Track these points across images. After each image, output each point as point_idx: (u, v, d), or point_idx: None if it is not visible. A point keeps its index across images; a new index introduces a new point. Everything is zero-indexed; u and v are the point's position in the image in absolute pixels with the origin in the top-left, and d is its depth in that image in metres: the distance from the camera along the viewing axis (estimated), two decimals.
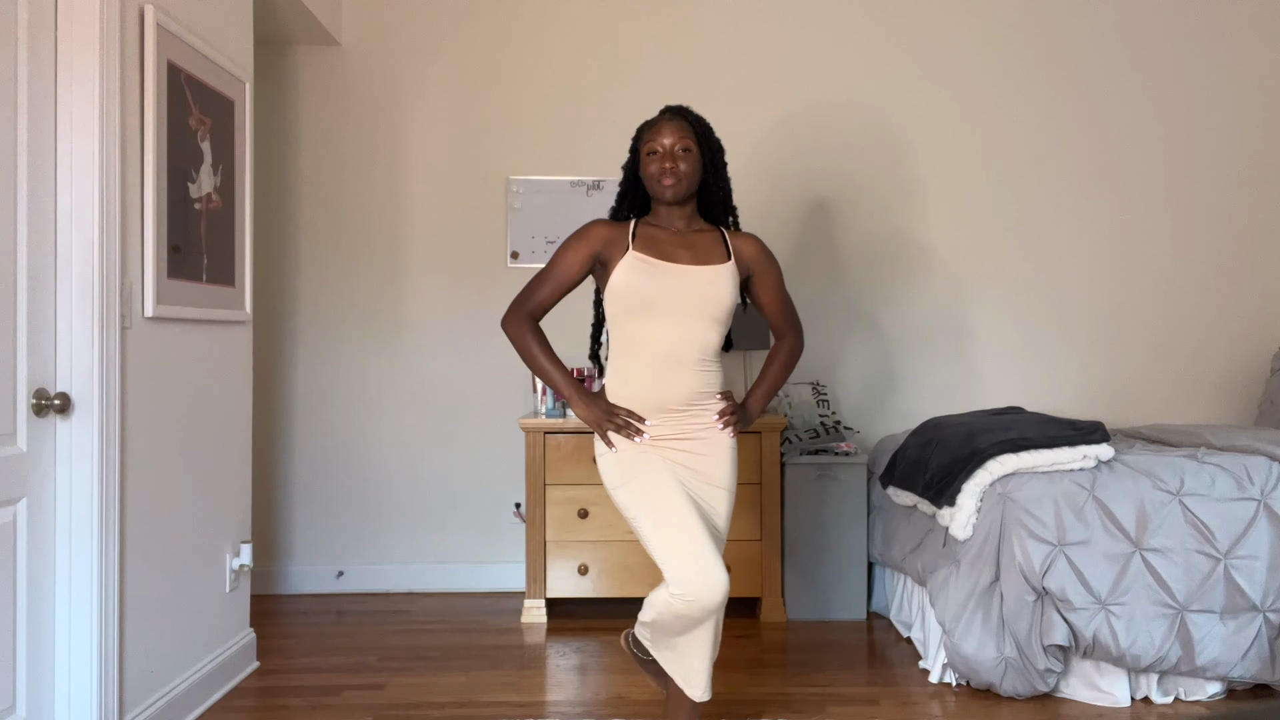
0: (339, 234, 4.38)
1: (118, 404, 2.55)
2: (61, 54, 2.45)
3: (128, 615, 2.62)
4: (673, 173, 2.47)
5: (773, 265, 2.63)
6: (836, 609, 3.93)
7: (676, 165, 2.47)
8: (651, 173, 2.50)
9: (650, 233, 2.53)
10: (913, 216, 4.40)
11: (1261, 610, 2.93)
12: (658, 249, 2.49)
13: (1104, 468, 3.10)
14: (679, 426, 2.51)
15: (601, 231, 2.52)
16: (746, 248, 2.59)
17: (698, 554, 2.36)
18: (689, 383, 2.49)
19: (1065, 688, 3.07)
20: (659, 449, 2.49)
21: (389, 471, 4.38)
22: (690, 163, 2.49)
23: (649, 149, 2.50)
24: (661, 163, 2.48)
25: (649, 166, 2.50)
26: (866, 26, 4.40)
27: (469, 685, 3.19)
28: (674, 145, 2.48)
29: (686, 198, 2.53)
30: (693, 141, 2.50)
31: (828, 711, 2.98)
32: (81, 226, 2.47)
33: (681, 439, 2.50)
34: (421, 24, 4.38)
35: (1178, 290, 4.42)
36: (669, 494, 2.44)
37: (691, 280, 2.46)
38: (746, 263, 2.59)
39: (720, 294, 2.47)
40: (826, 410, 4.11)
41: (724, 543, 2.54)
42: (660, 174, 2.48)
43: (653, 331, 2.46)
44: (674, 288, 2.44)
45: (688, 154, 2.49)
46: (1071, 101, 4.40)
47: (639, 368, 2.48)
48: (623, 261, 2.47)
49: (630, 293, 2.45)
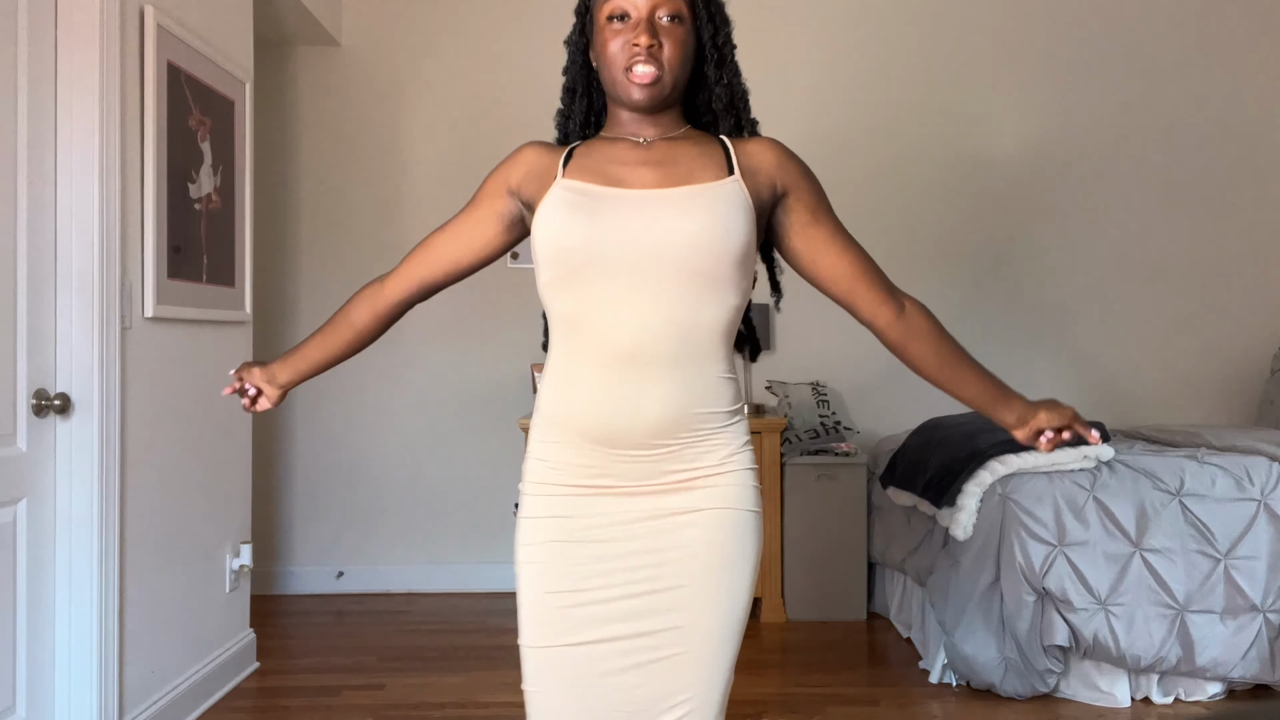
0: (339, 234, 4.38)
1: (118, 404, 2.55)
2: (61, 54, 2.45)
3: (128, 615, 2.62)
4: (650, 56, 1.46)
5: (813, 180, 1.55)
6: (836, 609, 3.92)
7: (657, 45, 1.46)
8: (612, 54, 1.48)
9: (597, 151, 1.53)
10: (912, 215, 4.40)
11: (1261, 610, 2.93)
12: (602, 172, 1.48)
13: (1104, 468, 3.10)
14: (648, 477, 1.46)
15: (531, 154, 1.56)
16: (761, 153, 1.52)
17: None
18: (669, 398, 1.43)
19: (1065, 688, 3.06)
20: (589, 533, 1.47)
21: (389, 471, 4.38)
22: (679, 43, 1.48)
23: (610, 10, 1.49)
24: (631, 37, 1.47)
25: (609, 43, 1.48)
26: (867, 26, 4.40)
27: (469, 685, 3.19)
28: (655, 8, 1.47)
29: (669, 103, 1.53)
30: (684, 5, 1.49)
31: (828, 711, 2.98)
32: (81, 227, 2.47)
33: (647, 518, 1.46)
34: (421, 24, 4.38)
35: (1178, 290, 4.42)
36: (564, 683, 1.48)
37: (662, 209, 1.43)
38: (767, 176, 1.50)
39: (718, 227, 1.42)
40: (826, 410, 4.11)
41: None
42: (629, 57, 1.46)
43: (596, 311, 1.43)
44: (626, 227, 1.42)
45: (676, 25, 1.48)
46: (1071, 101, 4.40)
47: (581, 374, 1.46)
48: (546, 197, 1.48)
49: (557, 244, 1.44)
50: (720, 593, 1.45)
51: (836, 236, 1.53)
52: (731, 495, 1.47)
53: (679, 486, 1.46)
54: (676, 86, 1.51)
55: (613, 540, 1.46)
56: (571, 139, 1.61)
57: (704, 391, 1.45)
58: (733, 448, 1.48)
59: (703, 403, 1.45)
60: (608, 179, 1.47)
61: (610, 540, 1.46)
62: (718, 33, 1.54)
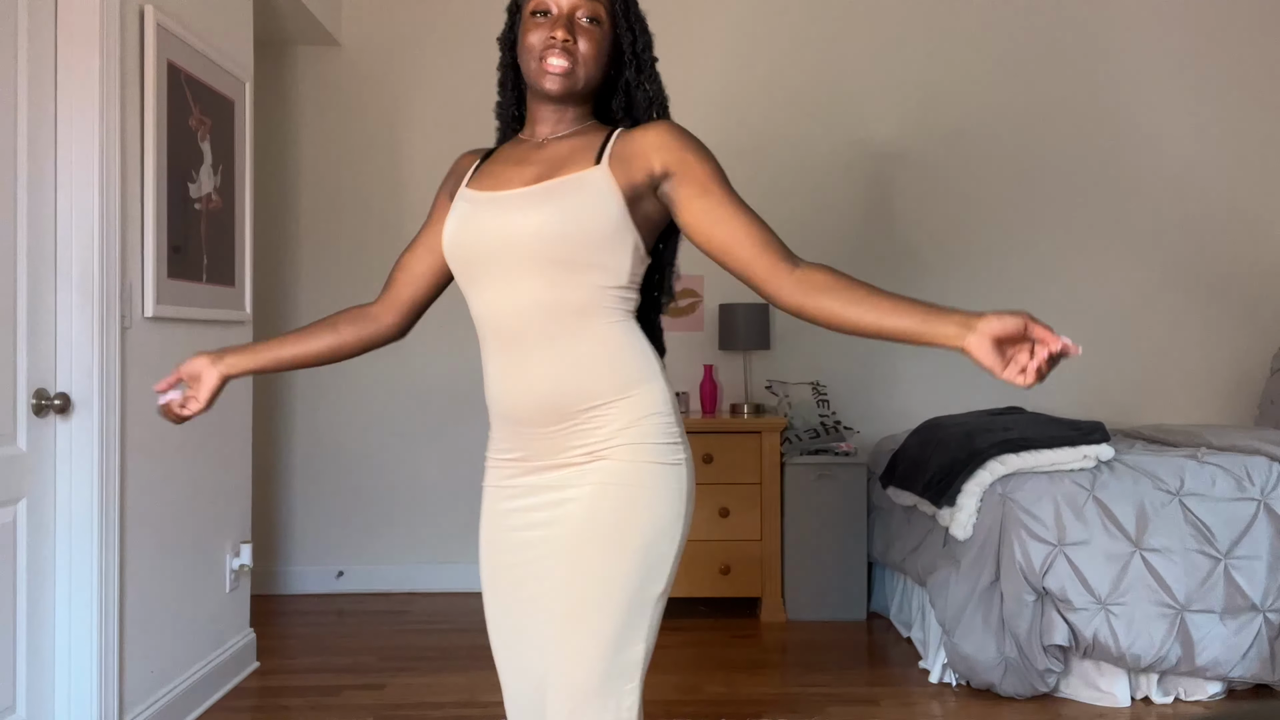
0: (339, 234, 4.38)
1: (118, 404, 2.55)
2: (61, 54, 2.45)
3: (128, 615, 2.62)
4: (565, 50, 1.53)
5: (703, 157, 1.55)
6: (836, 609, 3.92)
7: (572, 40, 1.54)
8: (529, 44, 1.56)
9: (504, 154, 1.64)
10: (911, 214, 4.40)
11: (1261, 610, 2.93)
12: (494, 175, 1.60)
13: (1104, 468, 3.10)
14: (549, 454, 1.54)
15: (462, 164, 1.71)
16: (642, 138, 1.55)
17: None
18: (549, 377, 1.52)
19: (1065, 688, 3.06)
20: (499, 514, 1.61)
21: (389, 471, 4.38)
22: (595, 42, 1.56)
23: (534, 6, 1.57)
24: (550, 30, 1.54)
25: (529, 34, 1.56)
26: (870, 27, 4.40)
27: (469, 685, 3.19)
28: (575, 8, 1.55)
29: (581, 95, 1.59)
30: (604, 8, 1.57)
31: (828, 711, 2.98)
32: (81, 226, 2.47)
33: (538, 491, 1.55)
34: (421, 24, 4.38)
35: (1178, 290, 4.42)
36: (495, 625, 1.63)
37: (521, 207, 1.52)
38: (643, 159, 1.53)
39: (565, 218, 1.49)
40: (826, 410, 4.11)
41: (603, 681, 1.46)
42: (544, 48, 1.54)
43: (483, 304, 1.56)
44: (490, 226, 1.53)
45: (593, 27, 1.56)
46: (1071, 101, 4.40)
47: (488, 361, 1.59)
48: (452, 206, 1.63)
49: (447, 251, 1.59)
50: (582, 572, 1.48)
51: (727, 206, 1.52)
52: (613, 471, 1.50)
53: (575, 461, 1.52)
54: (588, 83, 1.57)
55: (519, 510, 1.57)
56: (508, 132, 1.70)
57: (584, 369, 1.52)
58: (622, 423, 1.51)
59: (583, 379, 1.52)
60: (496, 182, 1.58)
61: (518, 510, 1.57)
62: (637, 40, 1.61)
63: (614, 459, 1.50)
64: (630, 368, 1.54)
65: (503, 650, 1.60)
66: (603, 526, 1.49)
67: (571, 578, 1.48)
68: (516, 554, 1.56)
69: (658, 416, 1.53)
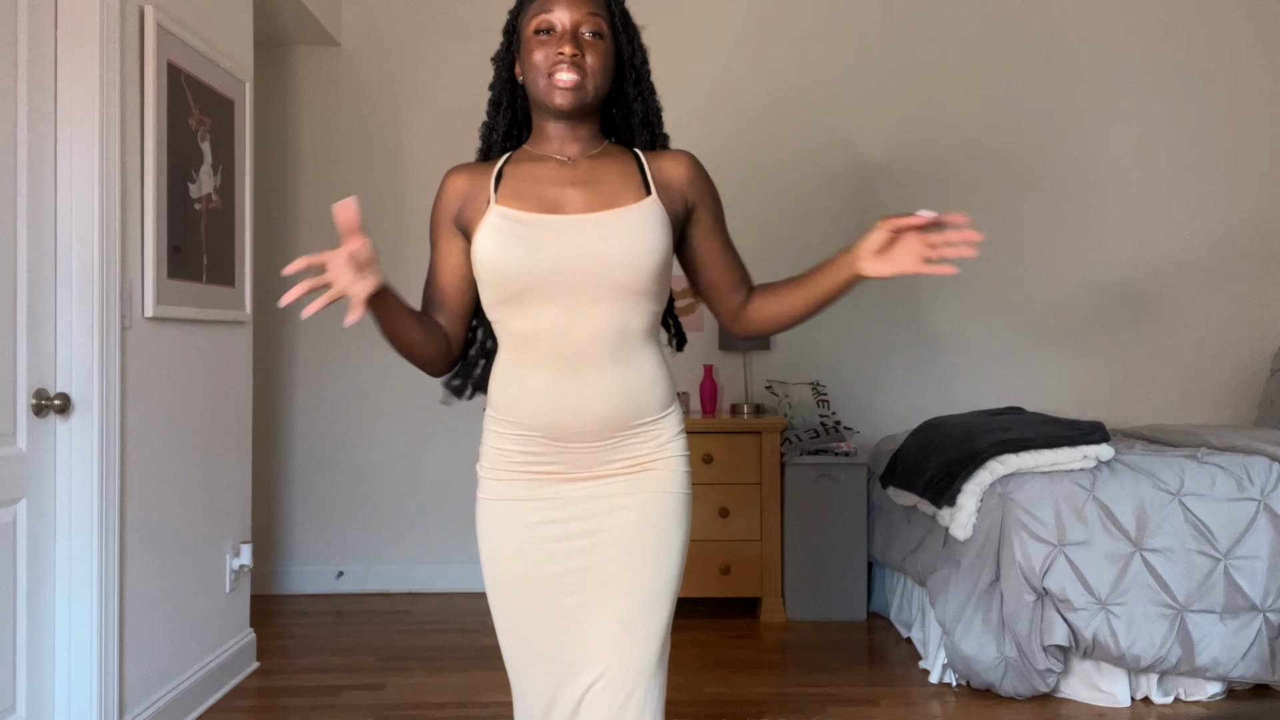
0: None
1: (118, 404, 2.55)
2: (61, 54, 2.46)
3: (128, 615, 2.62)
4: (574, 65, 1.58)
5: (716, 196, 1.73)
6: (836, 609, 3.92)
7: (580, 54, 1.58)
8: (537, 63, 1.60)
9: (525, 172, 1.64)
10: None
11: (1261, 610, 2.93)
12: (534, 195, 1.61)
13: (1104, 468, 3.10)
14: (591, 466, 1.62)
15: (459, 184, 1.67)
16: (674, 169, 1.67)
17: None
18: (608, 396, 1.59)
19: (1065, 688, 3.06)
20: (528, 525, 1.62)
21: (389, 471, 4.38)
22: (601, 55, 1.61)
23: (537, 25, 1.61)
24: (556, 46, 1.58)
25: (534, 53, 1.60)
26: (872, 27, 4.40)
27: (469, 685, 3.19)
28: (578, 24, 1.60)
29: (590, 108, 1.65)
30: (605, 23, 1.63)
31: (828, 711, 2.98)
32: (81, 226, 2.47)
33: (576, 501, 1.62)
34: (421, 24, 4.38)
35: (1178, 290, 4.42)
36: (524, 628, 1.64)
37: (591, 234, 1.57)
38: (680, 192, 1.66)
39: (640, 248, 1.57)
40: (826, 410, 4.11)
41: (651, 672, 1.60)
42: (553, 65, 1.58)
43: (540, 320, 1.57)
44: (562, 252, 1.56)
45: (597, 40, 1.61)
46: (1072, 101, 4.40)
47: (532, 380, 1.60)
48: (483, 223, 1.60)
49: (496, 270, 1.57)
50: (644, 571, 1.61)
51: (725, 252, 1.73)
52: (663, 481, 1.63)
53: (618, 473, 1.62)
54: (597, 95, 1.63)
55: (557, 521, 1.62)
56: (493, 151, 1.72)
57: (640, 388, 1.62)
58: (666, 437, 1.65)
59: (639, 398, 1.62)
60: (541, 203, 1.60)
61: (556, 521, 1.62)
62: (635, 53, 1.68)
63: (661, 470, 1.64)
64: (668, 385, 1.67)
65: (530, 652, 1.63)
66: (661, 531, 1.62)
67: (637, 577, 1.60)
68: (561, 563, 1.61)
69: (684, 429, 1.69)
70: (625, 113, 1.71)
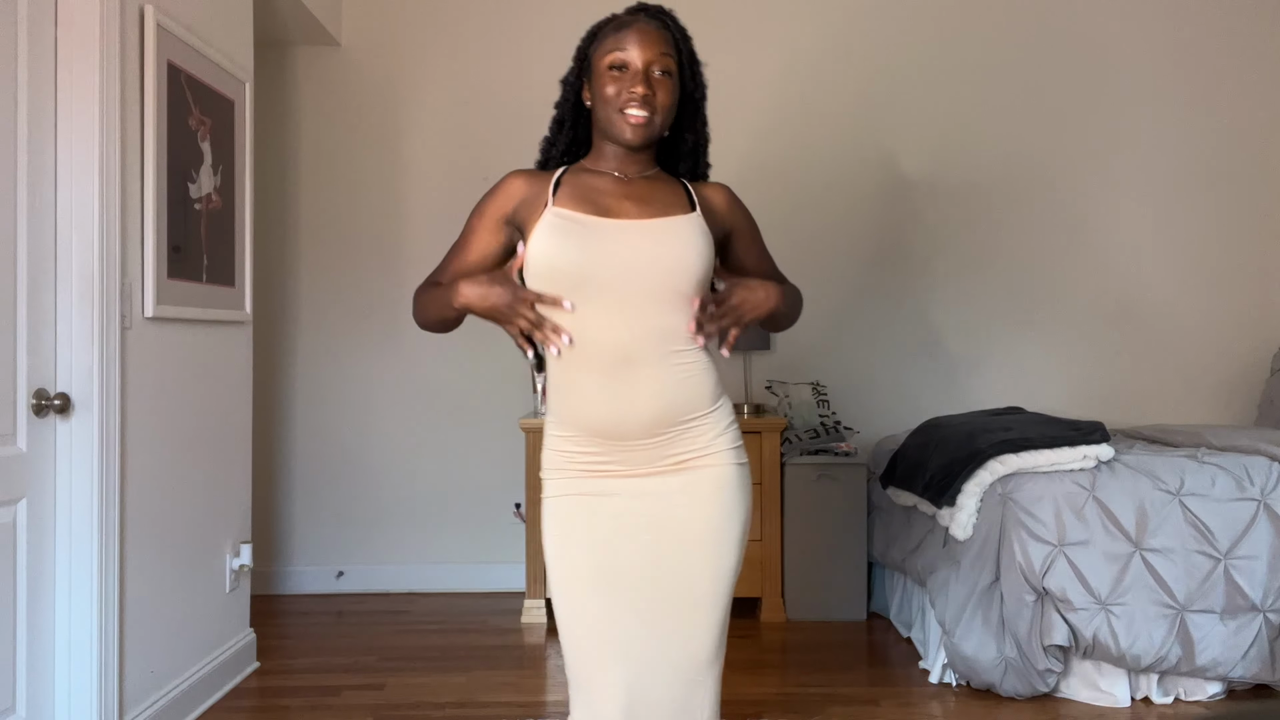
0: (339, 234, 4.38)
1: (118, 404, 2.55)
2: (61, 54, 2.45)
3: (128, 615, 2.62)
4: (646, 103, 1.70)
5: (751, 219, 1.92)
6: (836, 609, 3.92)
7: (653, 94, 1.71)
8: (609, 96, 1.72)
9: (583, 181, 1.77)
10: (912, 215, 4.40)
11: (1261, 610, 2.93)
12: (591, 201, 1.72)
13: (1104, 468, 3.10)
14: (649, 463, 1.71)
15: (519, 185, 1.78)
16: (715, 197, 1.84)
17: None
18: (659, 394, 1.68)
19: (1065, 688, 3.06)
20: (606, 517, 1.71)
21: (389, 472, 4.38)
22: (670, 92, 1.74)
23: (611, 61, 1.73)
24: (630, 86, 1.71)
25: (607, 86, 1.72)
26: (873, 28, 4.40)
27: (469, 685, 3.19)
28: (650, 63, 1.71)
29: (652, 143, 1.78)
30: (674, 61, 1.75)
31: (828, 711, 2.98)
32: (81, 226, 2.47)
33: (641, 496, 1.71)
34: (421, 24, 4.38)
35: (1178, 290, 4.42)
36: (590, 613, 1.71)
37: (644, 238, 1.69)
38: (720, 215, 1.83)
39: (689, 253, 1.69)
40: (826, 410, 4.11)
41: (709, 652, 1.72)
42: (627, 101, 1.70)
43: (591, 321, 1.66)
44: (617, 252, 1.67)
45: (666, 78, 1.73)
46: (1072, 101, 4.40)
47: (581, 380, 1.70)
48: (540, 222, 1.70)
49: (551, 265, 1.67)
50: (711, 556, 1.71)
51: (761, 263, 1.91)
52: (719, 473, 1.73)
53: (674, 468, 1.71)
54: (664, 129, 1.76)
55: (620, 514, 1.70)
56: (551, 164, 1.84)
57: (688, 385, 1.71)
58: (718, 430, 1.74)
59: (689, 395, 1.71)
60: (597, 208, 1.71)
61: (619, 514, 1.71)
62: (697, 88, 1.81)
63: (715, 464, 1.73)
64: (715, 380, 1.76)
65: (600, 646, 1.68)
66: (724, 523, 1.72)
67: (703, 568, 1.70)
68: (624, 557, 1.70)
69: (735, 422, 1.79)
70: (674, 139, 1.83)
